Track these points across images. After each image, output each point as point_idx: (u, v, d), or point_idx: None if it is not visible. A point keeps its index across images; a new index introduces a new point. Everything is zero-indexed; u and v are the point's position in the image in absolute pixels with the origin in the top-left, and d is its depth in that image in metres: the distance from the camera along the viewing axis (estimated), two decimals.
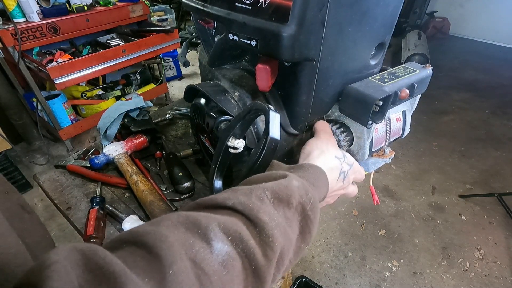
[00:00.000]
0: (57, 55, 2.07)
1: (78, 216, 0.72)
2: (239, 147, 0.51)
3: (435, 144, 2.45)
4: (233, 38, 0.49)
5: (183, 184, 0.75)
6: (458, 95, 3.16)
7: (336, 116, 0.59)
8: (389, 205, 1.93)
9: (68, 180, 0.83)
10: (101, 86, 2.49)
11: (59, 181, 0.83)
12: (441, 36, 4.74)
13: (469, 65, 3.84)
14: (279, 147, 0.57)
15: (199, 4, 0.56)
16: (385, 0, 0.48)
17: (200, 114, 0.68)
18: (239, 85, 0.59)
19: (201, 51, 0.76)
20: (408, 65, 0.59)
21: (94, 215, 0.67)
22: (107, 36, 2.42)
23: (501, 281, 1.50)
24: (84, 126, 2.31)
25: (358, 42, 0.50)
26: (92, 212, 0.68)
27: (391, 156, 0.63)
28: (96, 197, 0.73)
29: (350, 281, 1.51)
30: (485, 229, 1.76)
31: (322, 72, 0.48)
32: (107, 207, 0.72)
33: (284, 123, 0.56)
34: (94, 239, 0.63)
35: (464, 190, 2.03)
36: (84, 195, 0.78)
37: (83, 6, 2.10)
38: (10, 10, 1.79)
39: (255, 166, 0.48)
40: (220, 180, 0.61)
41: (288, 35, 0.40)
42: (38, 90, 1.95)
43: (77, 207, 0.75)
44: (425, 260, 1.60)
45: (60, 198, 0.77)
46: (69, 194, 0.78)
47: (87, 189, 0.80)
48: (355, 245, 1.68)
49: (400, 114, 0.61)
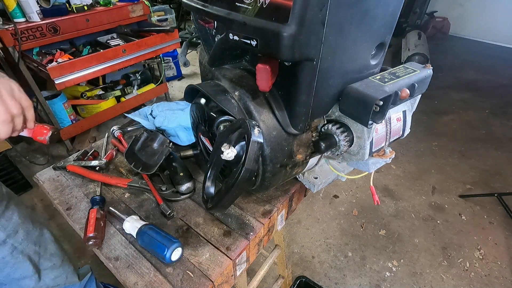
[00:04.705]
0: (57, 55, 2.07)
1: (78, 216, 0.72)
2: (230, 157, 0.51)
3: (435, 144, 2.45)
4: (233, 38, 0.49)
5: (183, 184, 0.75)
6: (458, 95, 3.16)
7: (337, 116, 0.59)
8: (389, 205, 1.93)
9: (68, 180, 0.83)
10: (101, 86, 2.49)
11: (59, 181, 0.83)
12: (441, 36, 4.74)
13: (469, 65, 3.84)
14: (279, 147, 0.57)
15: (199, 4, 0.56)
16: (385, 0, 0.48)
17: (200, 114, 0.68)
18: (239, 85, 0.59)
19: (201, 51, 0.76)
20: (408, 65, 0.59)
21: (94, 215, 0.67)
22: (107, 36, 2.42)
23: (501, 281, 1.50)
24: (84, 126, 2.30)
25: (358, 42, 0.50)
26: (92, 212, 0.68)
27: (391, 156, 0.63)
28: (96, 197, 0.73)
29: (350, 281, 1.51)
30: (485, 229, 1.76)
31: (322, 72, 0.48)
32: (108, 207, 0.72)
33: (284, 123, 0.56)
34: (94, 239, 0.63)
35: (464, 190, 2.03)
36: (84, 195, 0.78)
37: (83, 6, 2.10)
38: (10, 10, 1.79)
39: (230, 191, 0.52)
40: (213, 184, 0.62)
41: (288, 35, 0.40)
42: (38, 90, 1.95)
43: (77, 207, 0.75)
44: (425, 260, 1.60)
45: (60, 198, 0.77)
46: (69, 194, 0.78)
47: (87, 189, 0.80)
48: (355, 245, 1.68)
49: (401, 114, 0.61)
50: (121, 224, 0.68)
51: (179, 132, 0.93)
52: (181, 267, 0.61)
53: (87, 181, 0.82)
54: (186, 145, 0.93)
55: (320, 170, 0.77)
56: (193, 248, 0.64)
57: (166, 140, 0.84)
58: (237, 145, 0.56)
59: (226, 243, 0.65)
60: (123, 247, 0.65)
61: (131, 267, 0.61)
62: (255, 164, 0.49)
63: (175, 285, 0.57)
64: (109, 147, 0.96)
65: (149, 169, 0.78)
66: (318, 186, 0.73)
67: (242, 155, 0.50)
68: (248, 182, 0.51)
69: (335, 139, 0.58)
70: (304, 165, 0.65)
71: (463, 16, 4.63)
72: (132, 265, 0.61)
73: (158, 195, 0.75)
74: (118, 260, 0.62)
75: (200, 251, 0.64)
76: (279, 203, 0.75)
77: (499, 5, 4.22)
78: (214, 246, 0.65)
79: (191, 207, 0.74)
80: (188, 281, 0.58)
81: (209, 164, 0.62)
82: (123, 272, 0.60)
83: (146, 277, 0.59)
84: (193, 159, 0.90)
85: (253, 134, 0.47)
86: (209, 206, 0.62)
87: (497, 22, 4.32)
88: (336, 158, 0.67)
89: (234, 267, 0.65)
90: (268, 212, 0.72)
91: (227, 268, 0.61)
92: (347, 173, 0.73)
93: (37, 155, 2.30)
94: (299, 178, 0.77)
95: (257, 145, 0.47)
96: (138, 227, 0.64)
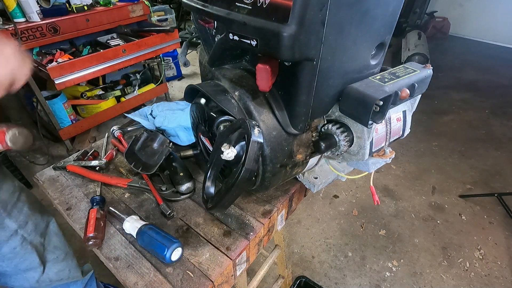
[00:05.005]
0: (57, 55, 2.07)
1: (78, 216, 0.72)
2: (230, 157, 0.51)
3: (435, 144, 2.45)
4: (233, 38, 0.49)
5: (183, 184, 0.75)
6: (458, 95, 3.15)
7: (337, 116, 0.59)
8: (389, 205, 1.93)
9: (68, 180, 0.83)
10: (101, 86, 2.49)
11: (59, 181, 0.83)
12: (441, 36, 4.73)
13: (469, 65, 3.84)
14: (279, 147, 0.57)
15: (199, 4, 0.56)
16: (385, 0, 0.48)
17: (200, 114, 0.68)
18: (239, 85, 0.59)
19: (201, 51, 0.76)
20: (408, 65, 0.59)
21: (94, 215, 0.67)
22: (107, 36, 2.42)
23: (501, 281, 1.50)
24: (84, 126, 2.30)
25: (358, 42, 0.50)
26: (92, 212, 0.68)
27: (391, 156, 0.63)
28: (96, 197, 0.73)
29: (350, 281, 1.51)
30: (485, 229, 1.76)
31: (322, 72, 0.48)
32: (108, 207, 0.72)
33: (284, 123, 0.56)
34: (94, 239, 0.63)
35: (464, 190, 2.03)
36: (84, 195, 0.78)
37: (83, 6, 2.10)
38: (10, 10, 1.79)
39: (230, 191, 0.52)
40: (213, 184, 0.62)
41: (288, 35, 0.40)
42: (38, 90, 1.95)
43: (77, 207, 0.75)
44: (425, 260, 1.60)
45: (60, 198, 0.77)
46: (69, 194, 0.78)
47: (87, 189, 0.80)
48: (355, 245, 1.68)
49: (401, 114, 0.61)
50: (121, 224, 0.68)
51: (179, 132, 0.93)
52: (181, 267, 0.61)
53: (87, 181, 0.82)
54: (186, 145, 0.93)
55: (320, 170, 0.77)
56: (193, 248, 0.64)
57: (166, 140, 0.84)
58: (237, 145, 0.56)
59: (226, 243, 0.65)
60: (123, 247, 0.65)
61: (131, 267, 0.61)
62: (255, 164, 0.49)
63: (175, 285, 0.57)
64: (109, 147, 0.96)
65: (149, 169, 0.78)
66: (318, 186, 0.73)
67: (242, 155, 0.50)
68: (248, 182, 0.51)
69: (335, 139, 0.58)
70: (304, 165, 0.65)
71: (463, 16, 4.63)
72: (132, 265, 0.61)
73: (158, 195, 0.75)
74: (118, 260, 0.62)
75: (200, 251, 0.64)
76: (279, 203, 0.75)
77: (499, 5, 4.22)
78: (214, 246, 0.65)
79: (191, 207, 0.74)
80: (188, 281, 0.58)
81: (209, 164, 0.62)
82: (123, 272, 0.60)
83: (146, 277, 0.59)
84: (193, 159, 0.90)
85: (253, 134, 0.47)
86: (209, 206, 0.62)
87: (497, 22, 4.32)
88: (336, 158, 0.67)
89: (234, 267, 0.65)
90: (268, 212, 0.72)
91: (227, 268, 0.61)
92: (347, 173, 0.73)
93: (37, 155, 2.30)
94: (299, 178, 0.77)
95: (257, 145, 0.48)
96: (138, 227, 0.65)
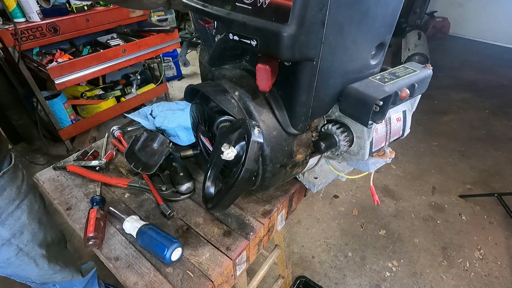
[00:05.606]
0: (57, 55, 2.07)
1: (78, 216, 0.72)
2: (230, 157, 0.51)
3: (435, 144, 2.45)
4: (233, 38, 0.49)
5: (183, 184, 0.75)
6: (458, 95, 3.16)
7: (337, 116, 0.59)
8: (389, 205, 1.93)
9: (68, 180, 0.83)
10: (101, 86, 2.49)
11: (59, 181, 0.83)
12: (441, 36, 4.73)
13: (469, 65, 3.84)
14: (279, 147, 0.57)
15: (199, 4, 0.56)
16: (385, 0, 0.48)
17: (200, 114, 0.68)
18: (239, 85, 0.59)
19: (201, 51, 0.76)
20: (408, 65, 0.59)
21: (94, 215, 0.67)
22: (107, 36, 2.42)
23: (501, 281, 1.50)
24: (84, 126, 2.30)
25: (358, 42, 0.50)
26: (92, 212, 0.68)
27: (391, 156, 0.63)
28: (96, 197, 0.73)
29: (350, 281, 1.51)
30: (485, 229, 1.76)
31: (322, 72, 0.48)
32: (108, 207, 0.72)
33: (284, 123, 0.56)
34: (94, 239, 0.63)
35: (464, 190, 2.03)
36: (84, 195, 0.78)
37: (83, 6, 2.10)
38: (10, 10, 1.79)
39: (230, 191, 0.52)
40: (213, 184, 0.62)
41: (288, 35, 0.40)
42: (38, 90, 1.95)
43: (77, 207, 0.75)
44: (425, 260, 1.60)
45: (60, 198, 0.77)
46: (69, 194, 0.78)
47: (87, 189, 0.80)
48: (355, 245, 1.68)
49: (401, 114, 0.61)
50: (121, 224, 0.68)
51: (179, 132, 0.93)
52: (181, 267, 0.61)
53: (87, 181, 0.82)
54: (186, 145, 0.93)
55: (320, 170, 0.77)
56: (193, 248, 0.64)
57: (166, 140, 0.84)
58: (237, 145, 0.56)
59: (226, 243, 0.65)
60: (123, 247, 0.65)
61: (131, 267, 0.61)
62: (255, 164, 0.49)
63: (175, 285, 0.57)
64: (109, 147, 0.96)
65: (149, 169, 0.78)
66: (318, 186, 0.73)
67: (242, 155, 0.50)
68: (248, 182, 0.51)
69: (335, 139, 0.58)
70: (304, 165, 0.65)
71: (463, 16, 4.63)
72: (132, 265, 0.61)
73: (158, 195, 0.75)
74: (118, 260, 0.62)
75: (200, 251, 0.64)
76: (279, 203, 0.75)
77: (499, 5, 4.22)
78: (214, 246, 0.65)
79: (191, 207, 0.74)
80: (188, 281, 0.58)
81: (209, 164, 0.62)
82: (123, 272, 0.60)
83: (146, 277, 0.59)
84: (193, 159, 0.90)
85: (253, 134, 0.47)
86: (209, 206, 0.62)
87: (497, 22, 4.32)
88: (336, 158, 0.67)
89: (234, 267, 0.65)
90: (268, 212, 0.72)
91: (227, 268, 0.61)
92: (347, 173, 0.73)
93: (37, 155, 2.30)
94: (299, 178, 0.77)
95: (257, 145, 0.47)
96: (138, 227, 0.65)
